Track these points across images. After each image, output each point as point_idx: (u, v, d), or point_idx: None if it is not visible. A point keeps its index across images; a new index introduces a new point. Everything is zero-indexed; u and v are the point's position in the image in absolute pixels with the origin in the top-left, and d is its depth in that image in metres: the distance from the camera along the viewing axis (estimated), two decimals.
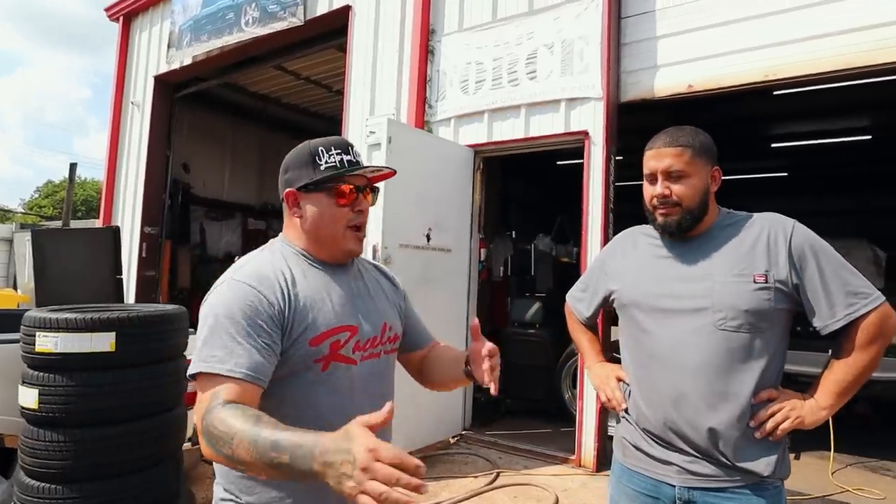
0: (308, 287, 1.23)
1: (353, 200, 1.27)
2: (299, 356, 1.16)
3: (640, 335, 1.54)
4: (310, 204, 1.27)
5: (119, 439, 2.53)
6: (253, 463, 0.94)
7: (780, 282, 1.39)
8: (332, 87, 9.43)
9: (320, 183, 1.25)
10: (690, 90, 4.21)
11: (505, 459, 4.44)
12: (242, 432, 0.96)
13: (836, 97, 7.17)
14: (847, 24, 3.66)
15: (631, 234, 1.69)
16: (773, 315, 1.40)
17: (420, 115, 5.35)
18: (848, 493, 3.96)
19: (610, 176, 4.40)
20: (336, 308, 1.24)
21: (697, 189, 1.46)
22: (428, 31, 5.44)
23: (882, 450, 4.86)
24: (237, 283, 1.16)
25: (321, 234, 1.28)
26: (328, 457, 0.85)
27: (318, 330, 1.18)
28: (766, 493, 1.40)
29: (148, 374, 2.66)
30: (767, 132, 9.52)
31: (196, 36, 7.65)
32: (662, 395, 1.46)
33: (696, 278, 1.46)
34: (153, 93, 8.56)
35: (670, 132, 1.50)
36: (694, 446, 1.42)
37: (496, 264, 6.36)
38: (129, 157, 8.83)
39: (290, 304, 1.17)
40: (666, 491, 1.47)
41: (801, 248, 1.40)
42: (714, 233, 1.50)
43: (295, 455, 0.89)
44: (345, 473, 0.83)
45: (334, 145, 1.28)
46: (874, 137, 9.23)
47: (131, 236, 8.48)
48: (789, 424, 1.38)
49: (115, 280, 4.61)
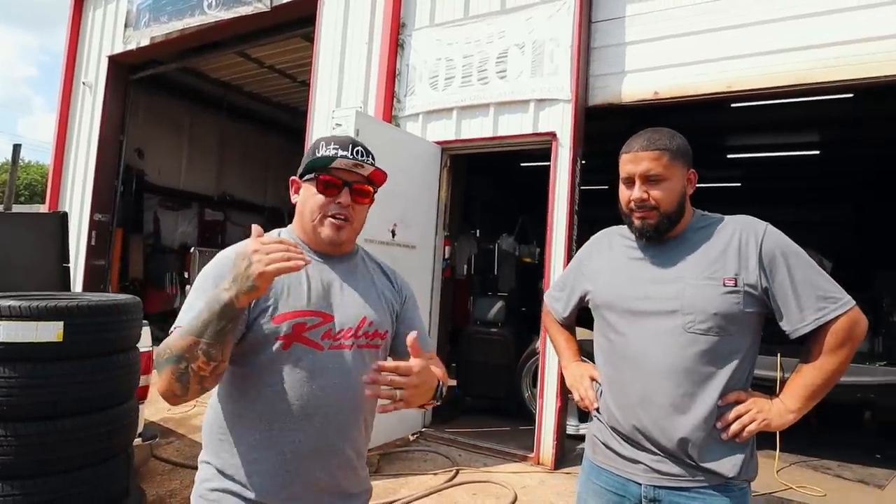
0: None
1: (336, 193, 1.31)
2: (263, 330, 1.23)
3: (612, 336, 1.55)
4: (303, 191, 1.36)
5: (66, 434, 2.41)
6: (186, 344, 1.08)
7: (749, 285, 1.39)
8: (297, 77, 9.26)
9: (308, 170, 1.33)
10: (656, 97, 4.30)
11: (465, 457, 4.45)
12: (173, 335, 1.13)
13: (790, 113, 7.50)
14: (806, 42, 3.80)
15: (607, 235, 1.69)
16: (743, 318, 1.40)
17: (388, 110, 5.29)
18: (791, 490, 4.13)
19: (576, 178, 4.45)
20: (312, 294, 1.29)
21: (675, 192, 1.46)
22: (398, 25, 5.38)
23: (824, 449, 5.09)
24: (220, 255, 1.29)
25: (304, 219, 1.35)
26: (231, 274, 1.07)
27: (285, 309, 1.24)
28: (731, 495, 1.41)
29: (98, 366, 2.54)
30: (724, 143, 9.86)
31: (155, 16, 7.36)
32: (631, 396, 1.48)
33: (668, 280, 1.46)
34: (107, 74, 8.18)
35: (647, 135, 1.49)
36: (660, 447, 1.44)
37: (460, 262, 6.36)
38: (79, 141, 8.42)
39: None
40: (633, 489, 1.48)
41: (772, 252, 1.40)
42: (687, 235, 1.50)
43: (207, 304, 1.08)
44: (246, 267, 1.04)
45: (335, 141, 1.34)
46: (822, 153, 9.69)
47: (80, 223, 8.10)
48: (755, 426, 1.39)
49: (62, 268, 4.38)
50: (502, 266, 6.56)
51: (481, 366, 5.66)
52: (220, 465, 1.26)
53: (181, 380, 1.11)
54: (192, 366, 1.09)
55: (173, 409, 5.22)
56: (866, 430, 5.41)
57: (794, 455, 4.85)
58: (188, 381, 1.11)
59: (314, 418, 1.25)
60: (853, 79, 3.68)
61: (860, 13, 3.66)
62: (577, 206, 4.47)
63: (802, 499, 3.99)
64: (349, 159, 1.30)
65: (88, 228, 8.07)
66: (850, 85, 3.78)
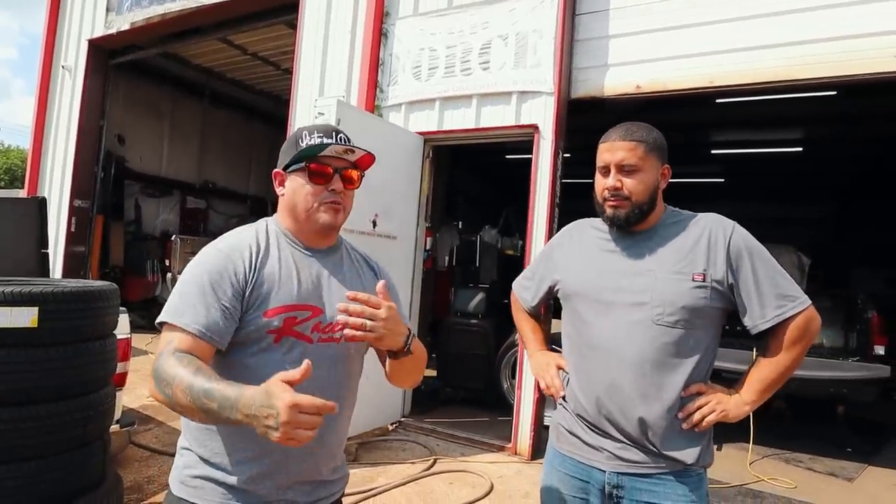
0: (278, 262, 1.30)
1: (328, 180, 1.33)
2: (254, 325, 1.24)
3: (580, 325, 1.58)
4: (290, 182, 1.35)
5: (40, 420, 2.39)
6: (188, 405, 1.06)
7: (716, 281, 1.45)
8: (281, 64, 9.17)
9: (295, 161, 1.33)
10: (638, 91, 4.34)
11: (442, 447, 4.49)
12: (182, 377, 1.08)
13: (773, 109, 7.58)
14: (787, 38, 3.84)
15: (578, 227, 1.72)
16: (708, 313, 1.46)
17: (371, 99, 5.27)
18: (763, 482, 4.22)
19: (557, 171, 4.48)
20: (302, 287, 1.30)
21: (648, 184, 1.50)
22: (382, 13, 5.36)
23: (796, 443, 5.20)
24: (212, 248, 1.28)
25: (297, 210, 1.34)
26: (251, 410, 0.98)
27: (276, 303, 1.25)
28: (689, 480, 1.47)
29: (73, 352, 2.52)
30: (708, 139, 9.95)
31: (137, 0, 7.25)
32: (598, 385, 1.51)
33: (638, 273, 1.50)
34: (87, 58, 8.05)
35: (625, 126, 1.54)
36: (625, 434, 1.48)
37: (441, 254, 6.38)
38: (58, 125, 8.28)
39: (252, 273, 1.26)
40: (596, 476, 1.52)
41: (739, 250, 1.46)
42: (659, 230, 1.54)
43: (222, 405, 1.02)
44: (269, 426, 0.96)
45: (318, 129, 1.35)
46: (805, 150, 9.81)
47: (59, 209, 7.99)
48: (714, 417, 1.45)
49: (41, 254, 4.32)
50: (484, 258, 6.59)
51: (461, 357, 5.70)
52: (203, 454, 1.27)
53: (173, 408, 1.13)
54: (187, 414, 1.13)
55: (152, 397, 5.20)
56: (838, 424, 5.53)
57: (767, 448, 4.95)
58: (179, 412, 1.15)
59: None
60: (834, 76, 3.73)
61: (841, 10, 3.69)
62: (559, 198, 4.50)
63: (773, 490, 4.08)
64: (340, 145, 1.31)
65: (68, 215, 7.97)
66: (832, 82, 3.84)
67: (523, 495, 3.65)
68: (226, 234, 1.34)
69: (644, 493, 1.47)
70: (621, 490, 1.49)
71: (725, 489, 4.03)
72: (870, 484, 4.39)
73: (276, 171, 1.39)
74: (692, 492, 1.46)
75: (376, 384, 1.84)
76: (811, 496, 4.01)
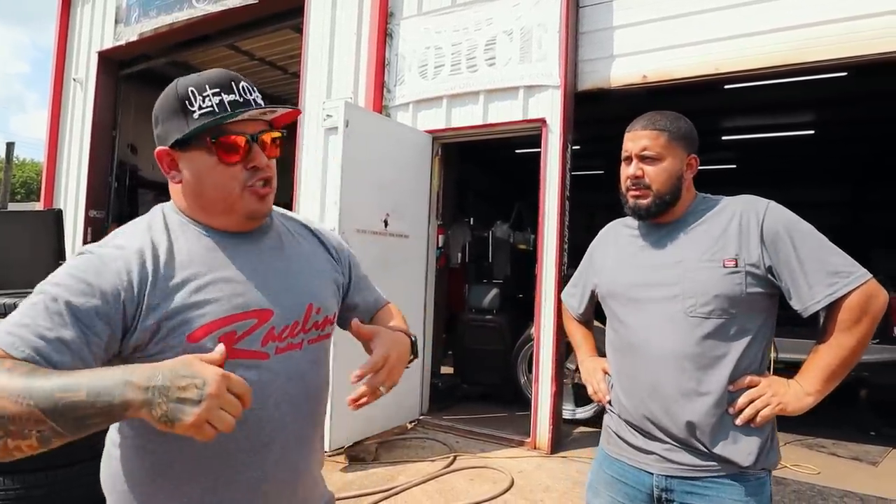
0: (192, 264, 0.96)
1: (244, 155, 0.98)
2: (170, 351, 0.89)
3: (618, 326, 1.55)
4: (187, 163, 0.99)
5: None
6: (20, 414, 0.71)
7: (751, 265, 1.36)
8: (288, 69, 9.21)
9: (195, 136, 0.96)
10: (645, 81, 4.31)
11: (462, 443, 4.50)
12: (5, 384, 0.72)
13: (784, 93, 7.48)
14: (793, 21, 3.79)
15: (613, 227, 1.70)
16: (746, 299, 1.36)
17: (378, 100, 5.29)
18: (786, 468, 4.18)
19: (566, 164, 4.47)
20: (235, 290, 0.97)
21: (670, 174, 1.46)
22: (387, 14, 5.37)
23: (818, 428, 5.13)
24: (87, 253, 0.92)
25: (205, 200, 1.00)
26: (155, 381, 0.74)
27: (202, 321, 0.92)
28: (747, 484, 1.36)
29: None
30: (718, 125, 9.85)
31: (144, 11, 7.33)
32: (639, 385, 1.47)
33: (669, 265, 1.45)
34: (97, 70, 8.15)
35: (650, 115, 1.51)
36: (671, 435, 1.41)
37: (454, 251, 6.38)
38: (71, 137, 8.41)
39: (149, 285, 0.90)
40: (645, 479, 1.46)
41: (774, 229, 1.36)
42: (688, 219, 1.49)
43: (96, 389, 0.73)
44: (187, 399, 0.73)
45: (209, 83, 0.98)
46: (818, 133, 9.68)
47: (75, 220, 8.12)
48: (769, 411, 1.34)
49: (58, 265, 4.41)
50: (497, 253, 6.57)
51: (477, 353, 5.70)
52: None
53: None
54: (10, 442, 0.72)
55: None
56: (861, 408, 5.46)
57: (789, 434, 4.90)
58: None
59: (272, 446, 1.00)
60: (842, 57, 3.67)
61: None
62: (569, 191, 4.49)
63: (796, 477, 4.04)
64: (254, 108, 0.98)
65: (84, 225, 8.09)
66: (840, 64, 3.77)
67: (544, 489, 3.65)
68: (111, 236, 0.98)
69: (695, 496, 1.39)
70: (671, 493, 1.42)
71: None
72: (895, 467, 4.33)
73: (162, 150, 1.00)
74: (750, 496, 1.35)
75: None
76: (835, 481, 3.96)
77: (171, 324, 0.90)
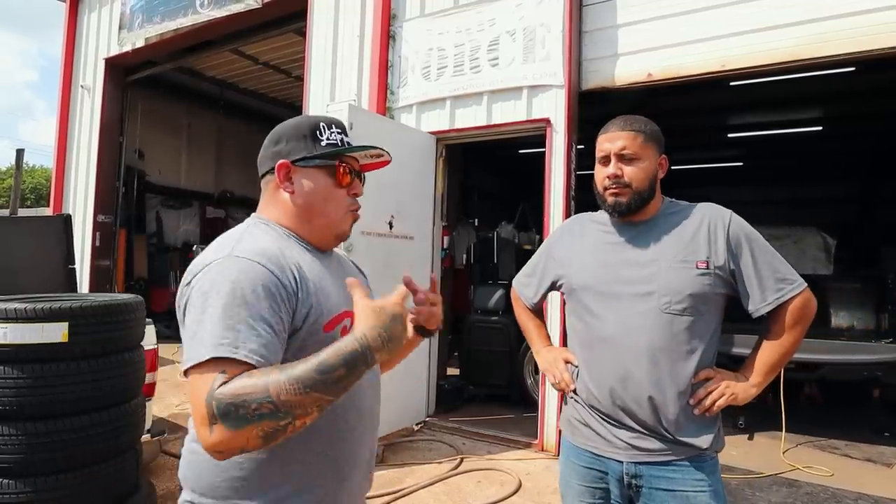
0: (311, 271, 1.14)
1: (350, 182, 1.22)
2: (316, 342, 1.05)
3: (588, 318, 1.60)
4: (306, 179, 1.18)
5: (74, 432, 2.47)
6: (301, 400, 0.90)
7: (718, 268, 1.49)
8: (292, 72, 9.26)
9: (323, 157, 1.18)
10: (650, 79, 4.29)
11: (469, 445, 4.49)
12: (277, 380, 0.89)
13: (790, 89, 7.43)
14: (798, 17, 3.77)
15: (578, 220, 1.76)
16: (713, 299, 1.50)
17: (382, 102, 5.30)
18: (798, 470, 4.12)
19: (571, 163, 4.46)
20: (335, 293, 1.17)
21: (647, 173, 1.55)
22: (389, 16, 5.38)
23: (830, 429, 5.07)
24: (244, 260, 1.03)
25: (313, 213, 1.19)
26: (380, 331, 0.96)
27: (329, 315, 1.12)
28: (705, 465, 1.51)
29: (103, 364, 2.59)
30: (726, 122, 9.79)
31: (148, 17, 7.38)
32: (610, 376, 1.54)
33: (643, 263, 1.54)
34: (104, 76, 8.22)
35: (624, 118, 1.59)
36: (640, 423, 1.51)
37: (459, 252, 6.39)
38: (79, 144, 8.48)
39: (300, 287, 1.08)
40: (614, 467, 1.55)
41: (738, 237, 1.51)
42: (659, 220, 1.59)
43: (350, 361, 0.93)
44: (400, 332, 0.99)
45: (335, 123, 1.22)
46: (826, 129, 9.60)
47: (84, 225, 8.17)
48: (724, 401, 1.48)
49: (68, 270, 4.44)
50: (502, 254, 6.58)
51: (483, 354, 5.69)
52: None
53: (270, 437, 0.91)
54: (298, 422, 0.92)
55: (181, 405, 5.30)
56: (874, 409, 5.38)
57: (801, 435, 4.84)
58: (277, 438, 0.92)
59: (360, 429, 1.20)
60: (849, 52, 3.64)
61: None
62: (574, 191, 4.48)
63: (809, 479, 3.99)
64: (374, 149, 1.23)
65: (92, 230, 8.15)
66: (848, 59, 3.75)
67: (552, 491, 3.63)
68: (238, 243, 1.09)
69: (662, 480, 1.50)
70: (639, 479, 1.52)
71: (759, 479, 3.94)
72: None
73: (284, 163, 1.17)
74: (708, 476, 1.49)
75: (399, 386, 1.87)
76: (849, 483, 3.90)
77: (311, 317, 1.09)
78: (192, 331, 0.98)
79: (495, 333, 5.68)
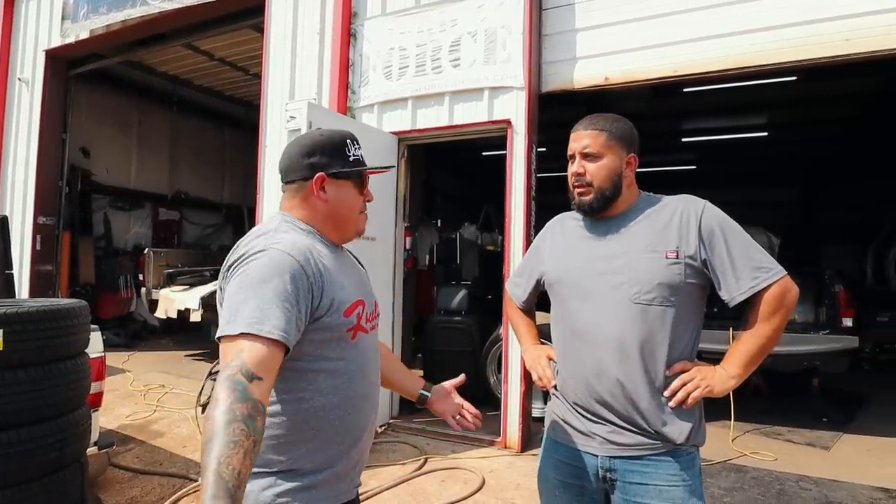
0: (331, 263, 1.33)
1: (364, 190, 1.48)
2: (336, 325, 1.28)
3: (564, 313, 1.63)
4: (336, 189, 1.40)
5: (12, 446, 2.31)
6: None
7: (689, 257, 1.48)
8: (249, 69, 9.03)
9: (354, 172, 1.41)
10: (607, 82, 4.36)
11: (433, 445, 4.47)
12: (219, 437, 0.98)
13: (739, 96, 7.72)
14: (746, 26, 3.91)
15: (560, 219, 1.78)
16: (685, 288, 1.49)
17: (343, 101, 5.21)
18: (745, 456, 4.34)
19: (532, 165, 4.48)
20: (351, 283, 1.37)
21: (610, 170, 1.56)
22: (350, 14, 5.30)
23: (774, 416, 5.36)
24: (279, 252, 1.22)
25: (339, 217, 1.42)
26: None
27: (347, 301, 1.31)
28: (680, 459, 1.49)
29: (43, 374, 2.44)
30: (679, 127, 10.10)
31: (94, 7, 7.04)
32: (586, 370, 1.55)
33: (615, 255, 1.55)
34: (44, 69, 7.79)
35: (591, 116, 1.62)
36: (617, 414, 1.51)
37: (422, 253, 6.35)
38: (17, 140, 8.02)
39: (322, 277, 1.26)
40: (589, 461, 1.56)
41: (711, 226, 1.49)
42: (632, 214, 1.59)
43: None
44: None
45: (356, 140, 1.46)
46: (771, 135, 10.01)
47: (23, 227, 7.74)
48: (699, 393, 1.47)
49: (5, 275, 4.18)
50: (465, 255, 6.57)
51: (446, 354, 5.67)
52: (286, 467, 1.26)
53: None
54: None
55: (132, 416, 5.08)
56: (813, 396, 5.68)
57: (748, 423, 5.07)
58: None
59: (370, 397, 1.41)
60: (793, 61, 3.81)
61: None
62: (535, 192, 4.50)
63: (756, 464, 4.18)
64: (392, 167, 1.41)
65: (32, 232, 7.71)
66: (792, 67, 3.91)
67: (515, 487, 3.65)
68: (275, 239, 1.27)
69: (636, 474, 1.49)
70: (614, 473, 1.52)
71: (711, 466, 4.10)
72: (845, 451, 4.53)
73: (321, 175, 1.38)
74: (683, 470, 1.48)
75: None
76: (791, 466, 4.12)
77: (331, 303, 1.27)
78: (230, 306, 1.16)
79: (458, 333, 5.67)
